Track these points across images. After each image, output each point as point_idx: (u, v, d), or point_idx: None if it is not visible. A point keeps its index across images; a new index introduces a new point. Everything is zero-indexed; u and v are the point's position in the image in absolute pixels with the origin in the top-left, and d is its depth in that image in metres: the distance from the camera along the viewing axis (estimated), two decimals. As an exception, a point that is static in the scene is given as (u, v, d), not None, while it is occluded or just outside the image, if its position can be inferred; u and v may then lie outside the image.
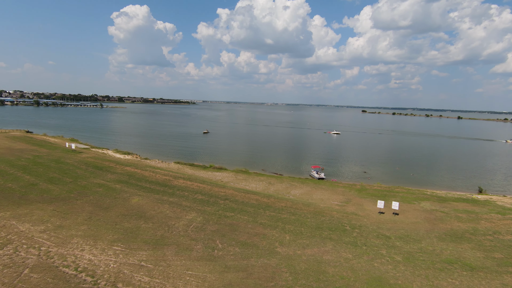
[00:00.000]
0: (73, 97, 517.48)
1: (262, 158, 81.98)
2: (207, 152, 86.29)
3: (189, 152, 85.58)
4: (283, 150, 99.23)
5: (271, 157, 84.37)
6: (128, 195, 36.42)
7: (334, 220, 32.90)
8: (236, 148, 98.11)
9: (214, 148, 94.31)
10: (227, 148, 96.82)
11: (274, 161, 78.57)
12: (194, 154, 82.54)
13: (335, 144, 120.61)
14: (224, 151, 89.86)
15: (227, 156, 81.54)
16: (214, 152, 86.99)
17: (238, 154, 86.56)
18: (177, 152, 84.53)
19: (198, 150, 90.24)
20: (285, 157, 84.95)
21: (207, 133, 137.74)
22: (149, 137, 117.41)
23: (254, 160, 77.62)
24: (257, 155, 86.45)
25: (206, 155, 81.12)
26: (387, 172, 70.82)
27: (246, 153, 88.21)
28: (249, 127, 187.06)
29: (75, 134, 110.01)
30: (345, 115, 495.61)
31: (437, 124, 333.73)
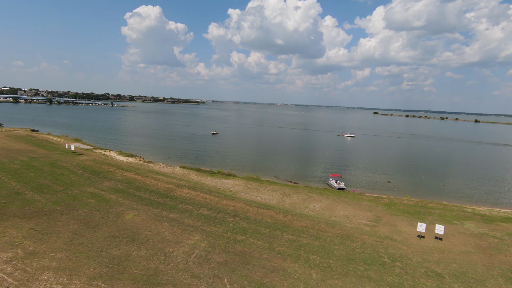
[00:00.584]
0: (86, 96, 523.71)
1: (274, 162, 76.25)
2: (215, 155, 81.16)
3: (196, 155, 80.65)
4: (295, 154, 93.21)
5: (283, 161, 78.55)
6: (122, 209, 31.37)
7: (368, 248, 26.92)
8: (246, 150, 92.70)
9: (222, 151, 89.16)
10: (237, 150, 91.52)
11: (286, 166, 72.72)
12: (201, 157, 77.52)
13: (351, 148, 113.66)
14: (233, 154, 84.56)
15: (237, 160, 76.21)
16: (223, 155, 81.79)
17: (248, 157, 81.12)
18: (183, 154, 79.74)
19: (205, 152, 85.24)
20: (298, 162, 78.94)
21: (215, 134, 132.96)
22: (156, 137, 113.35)
23: (265, 165, 71.99)
24: (268, 159, 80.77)
25: (214, 159, 75.98)
26: (413, 182, 63.88)
27: (257, 157, 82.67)
28: (259, 128, 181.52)
29: (81, 134, 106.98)
30: (356, 117, 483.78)
31: (454, 127, 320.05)
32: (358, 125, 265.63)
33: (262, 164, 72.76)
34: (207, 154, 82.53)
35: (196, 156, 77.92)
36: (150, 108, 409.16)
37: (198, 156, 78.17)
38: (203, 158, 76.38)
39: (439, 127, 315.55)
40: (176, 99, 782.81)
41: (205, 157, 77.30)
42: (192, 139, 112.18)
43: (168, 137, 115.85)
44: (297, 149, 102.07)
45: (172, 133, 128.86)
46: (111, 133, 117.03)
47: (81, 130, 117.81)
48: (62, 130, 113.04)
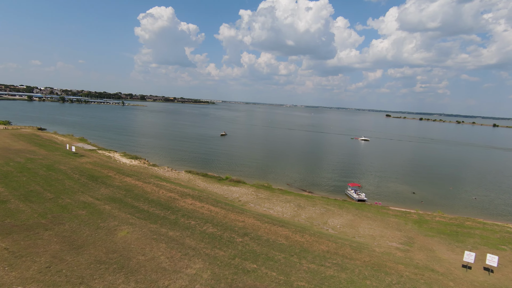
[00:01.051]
0: (98, 95, 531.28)
1: (285, 168, 71.44)
2: (223, 159, 76.99)
3: (203, 157, 76.68)
4: (308, 158, 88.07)
5: (295, 167, 73.65)
6: (115, 224, 27.35)
7: (406, 284, 21.92)
8: (256, 154, 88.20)
9: (231, 154, 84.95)
10: (246, 153, 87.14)
11: (299, 172, 67.81)
12: (208, 160, 73.46)
13: (366, 152, 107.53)
14: (243, 158, 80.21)
15: (246, 164, 71.82)
16: (231, 159, 77.54)
17: (258, 161, 76.59)
18: (190, 157, 75.90)
19: (213, 155, 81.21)
20: (311, 168, 73.87)
21: (224, 135, 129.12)
22: (163, 138, 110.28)
23: (277, 171, 67.28)
24: (279, 163, 76.01)
25: (222, 163, 71.80)
26: (440, 193, 57.91)
27: (267, 161, 78.03)
28: (269, 130, 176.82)
29: (88, 133, 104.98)
30: (368, 119, 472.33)
31: (472, 132, 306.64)
32: (371, 128, 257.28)
33: (273, 170, 68.10)
34: (215, 157, 78.46)
35: (203, 159, 73.95)
36: (160, 107, 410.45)
37: (205, 159, 74.17)
38: (210, 161, 72.31)
39: (456, 131, 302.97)
40: (187, 99, 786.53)
41: (212, 161, 73.21)
42: (200, 140, 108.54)
43: (175, 137, 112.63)
44: (310, 153, 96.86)
45: (180, 134, 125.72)
46: (118, 133, 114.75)
47: (89, 130, 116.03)
48: (69, 129, 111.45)
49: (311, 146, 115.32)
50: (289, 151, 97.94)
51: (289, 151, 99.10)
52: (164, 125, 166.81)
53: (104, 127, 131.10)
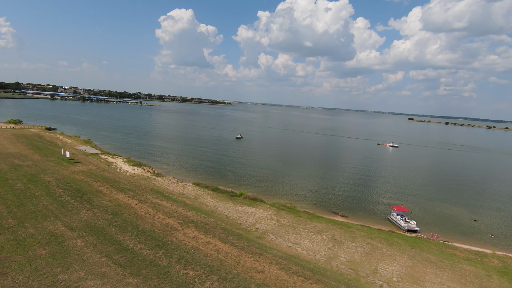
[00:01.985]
0: (118, 94, 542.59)
1: (309, 179, 61.72)
2: (238, 166, 68.34)
3: (216, 165, 68.35)
4: (333, 167, 77.71)
5: (320, 177, 63.71)
6: (80, 276, 19.08)
7: None
8: (274, 161, 78.96)
9: (246, 161, 76.20)
10: (263, 160, 78.11)
11: (325, 185, 57.87)
12: (221, 168, 65.00)
13: (397, 161, 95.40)
14: (259, 166, 71.25)
15: (263, 174, 62.77)
16: (247, 167, 68.76)
17: (276, 170, 67.34)
18: (201, 164, 67.81)
19: (227, 162, 72.76)
20: (338, 180, 63.66)
21: (240, 138, 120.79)
22: (175, 141, 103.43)
23: (299, 182, 57.72)
24: (301, 173, 66.32)
25: (237, 171, 63.14)
26: (509, 221, 46.10)
27: (287, 170, 68.55)
28: (287, 133, 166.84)
29: (97, 134, 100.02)
30: (390, 123, 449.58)
31: (508, 138, 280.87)
32: (395, 132, 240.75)
33: (294, 182, 58.57)
34: (228, 164, 69.91)
35: (215, 167, 65.58)
36: (177, 107, 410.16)
37: (217, 167, 65.77)
38: (223, 170, 63.81)
39: (490, 137, 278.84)
40: (204, 100, 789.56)
41: (225, 169, 64.69)
42: (214, 144, 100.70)
43: (188, 140, 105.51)
44: (334, 161, 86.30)
45: (193, 136, 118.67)
46: (129, 134, 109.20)
47: (100, 130, 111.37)
48: (80, 129, 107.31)
49: (334, 153, 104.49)
50: (310, 158, 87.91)
51: (311, 158, 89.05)
52: (177, 126, 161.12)
53: (116, 127, 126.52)
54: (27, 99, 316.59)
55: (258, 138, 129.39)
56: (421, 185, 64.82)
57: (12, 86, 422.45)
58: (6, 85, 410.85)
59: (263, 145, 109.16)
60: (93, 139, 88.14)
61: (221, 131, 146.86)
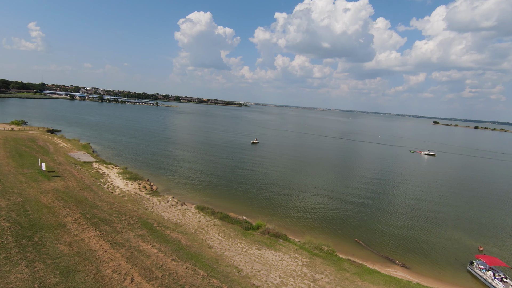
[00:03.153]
0: (137, 95, 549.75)
1: (341, 200, 49.57)
2: (253, 180, 57.23)
3: (227, 179, 57.53)
4: (366, 182, 64.89)
5: (353, 198, 51.33)
6: None
7: None
8: (296, 173, 67.24)
9: (264, 172, 65.02)
10: (283, 172, 66.63)
11: (363, 210, 45.52)
12: (233, 184, 54.03)
13: (444, 175, 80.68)
14: (280, 179, 59.86)
15: (285, 190, 51.31)
16: (265, 181, 57.54)
17: (300, 186, 55.63)
18: (210, 177, 57.21)
19: (241, 174, 61.84)
20: (376, 201, 51.00)
21: (256, 143, 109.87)
22: (184, 145, 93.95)
23: (329, 206, 45.77)
24: (330, 192, 54.21)
25: (252, 188, 52.00)
26: None
27: (313, 187, 56.62)
28: (307, 138, 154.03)
29: (102, 136, 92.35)
30: (414, 126, 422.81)
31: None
32: (422, 137, 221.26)
33: (324, 204, 46.66)
34: (242, 178, 58.86)
35: (226, 182, 54.72)
36: (193, 108, 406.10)
37: (229, 182, 54.89)
38: (235, 186, 52.81)
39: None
40: (220, 101, 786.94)
41: (239, 184, 53.66)
42: (227, 150, 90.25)
43: (198, 145, 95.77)
44: (366, 174, 73.22)
45: (205, 140, 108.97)
46: (134, 136, 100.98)
47: (105, 132, 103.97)
48: (86, 131, 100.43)
49: (364, 163, 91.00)
50: (337, 170, 75.37)
51: (337, 169, 76.47)
52: (190, 129, 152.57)
53: (124, 129, 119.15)
54: (47, 99, 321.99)
55: (276, 143, 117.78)
56: (499, 214, 50.87)
57: (37, 87, 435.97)
58: (31, 86, 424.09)
59: (282, 151, 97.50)
60: (96, 142, 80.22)
61: (236, 134, 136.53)
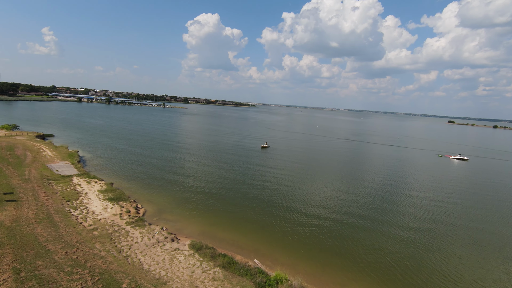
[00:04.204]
0: (145, 97, 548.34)
1: (374, 221, 38.88)
2: (265, 200, 47.05)
3: (234, 195, 47.53)
4: (399, 196, 53.81)
5: (391, 220, 40.54)
6: None
7: None
8: (316, 186, 56.73)
9: (276, 186, 54.79)
10: (300, 185, 56.23)
11: (410, 252, 34.78)
12: (241, 203, 43.94)
13: (482, 184, 68.56)
14: (295, 193, 49.55)
15: (306, 212, 40.96)
16: (277, 197, 47.32)
17: (320, 201, 45.15)
18: (212, 194, 47.27)
19: (250, 191, 51.74)
20: (423, 225, 40.04)
21: (266, 147, 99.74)
22: (186, 152, 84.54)
23: (359, 233, 35.22)
24: (357, 209, 43.53)
25: (264, 209, 41.83)
26: None
27: (334, 200, 46.06)
28: (320, 140, 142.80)
29: (95, 141, 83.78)
30: (430, 126, 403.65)
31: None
32: (443, 138, 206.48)
33: (353, 230, 36.12)
34: (251, 196, 48.66)
35: (233, 201, 44.63)
36: (200, 110, 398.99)
37: (236, 203, 44.80)
38: (244, 209, 42.63)
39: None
40: (228, 102, 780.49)
41: (247, 207, 43.48)
42: (234, 156, 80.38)
43: (202, 152, 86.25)
44: (397, 185, 61.95)
45: (211, 145, 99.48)
46: (132, 140, 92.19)
47: (102, 136, 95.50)
48: (81, 135, 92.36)
49: (390, 170, 79.43)
50: (361, 179, 64.48)
51: (361, 178, 65.56)
52: (195, 131, 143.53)
53: (124, 132, 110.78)
54: (55, 101, 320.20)
55: (288, 148, 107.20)
56: None
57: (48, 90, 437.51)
58: (39, 88, 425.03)
59: (296, 159, 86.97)
60: (87, 149, 71.66)
61: (244, 137, 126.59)
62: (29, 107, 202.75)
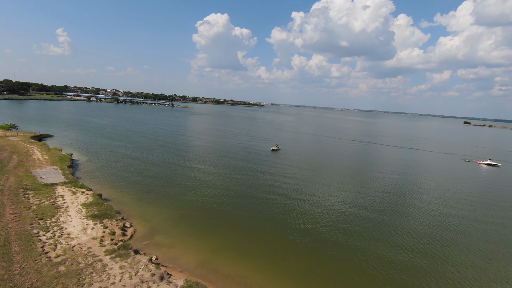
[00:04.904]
0: (155, 96, 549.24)
1: (411, 248, 31.47)
2: (275, 213, 40.14)
3: (240, 213, 40.73)
4: (433, 213, 46.01)
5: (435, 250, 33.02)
6: None
7: None
8: (332, 196, 49.45)
9: (289, 194, 47.78)
10: (314, 195, 49.08)
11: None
12: (248, 224, 37.05)
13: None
14: (310, 207, 42.49)
15: (321, 228, 33.91)
16: (290, 210, 40.34)
17: (342, 221, 37.95)
18: (215, 211, 40.65)
19: (260, 206, 44.88)
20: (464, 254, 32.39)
21: (276, 150, 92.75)
22: (189, 157, 78.29)
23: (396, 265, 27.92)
24: (387, 227, 36.14)
25: (275, 224, 34.89)
26: None
27: (361, 224, 38.74)
28: (334, 142, 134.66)
29: (95, 142, 78.55)
30: (446, 128, 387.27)
31: None
32: (464, 141, 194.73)
33: (396, 269, 28.84)
34: (261, 210, 41.73)
35: (238, 221, 37.74)
36: (209, 109, 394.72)
37: (243, 219, 37.95)
38: (252, 225, 35.79)
39: None
40: (236, 101, 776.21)
41: (256, 223, 36.62)
42: (243, 161, 73.67)
43: (207, 155, 79.92)
44: (428, 197, 54.00)
45: (217, 147, 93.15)
46: (133, 142, 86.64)
47: (102, 137, 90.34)
48: (82, 136, 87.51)
49: (416, 178, 71.21)
50: (388, 191, 56.80)
51: (387, 190, 57.84)
52: (201, 132, 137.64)
53: (126, 133, 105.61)
54: (65, 101, 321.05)
55: (299, 150, 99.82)
56: None
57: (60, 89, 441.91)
58: (50, 88, 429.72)
59: (309, 163, 79.65)
60: (83, 151, 66.35)
61: (253, 139, 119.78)
62: (37, 106, 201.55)
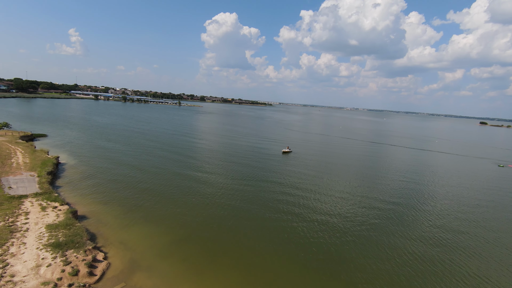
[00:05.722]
0: (162, 95, 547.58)
1: None
2: (289, 244, 32.22)
3: (246, 238, 32.84)
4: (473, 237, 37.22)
5: None
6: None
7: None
8: (358, 214, 41.15)
9: (308, 214, 39.74)
10: (343, 216, 40.91)
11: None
12: (258, 255, 29.19)
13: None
14: (336, 227, 34.41)
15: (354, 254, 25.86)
16: (310, 240, 32.36)
17: (373, 251, 29.81)
18: (217, 237, 32.78)
19: (268, 223, 36.96)
20: None
21: (288, 152, 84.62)
22: (190, 161, 70.92)
23: None
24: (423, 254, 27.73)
25: (291, 262, 26.98)
26: None
27: (392, 246, 30.46)
28: (349, 144, 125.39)
29: (89, 143, 72.11)
30: (462, 128, 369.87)
31: None
32: (489, 143, 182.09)
33: None
34: (270, 238, 33.78)
35: (245, 249, 29.78)
36: (216, 108, 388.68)
37: (250, 252, 30.07)
38: (260, 264, 27.95)
39: None
40: (244, 101, 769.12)
41: (265, 260, 28.75)
42: (251, 167, 65.75)
43: (210, 159, 72.39)
44: (467, 210, 44.98)
45: (222, 149, 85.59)
46: (131, 144, 79.84)
47: (99, 138, 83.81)
48: (76, 136, 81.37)
49: (449, 185, 61.96)
50: (417, 200, 48.05)
51: (420, 205, 49.06)
52: (207, 132, 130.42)
53: (126, 133, 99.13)
54: (73, 99, 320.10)
55: (313, 153, 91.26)
56: None
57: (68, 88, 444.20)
58: (60, 86, 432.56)
59: (325, 168, 71.18)
60: (75, 153, 59.76)
61: (262, 139, 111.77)
62: (43, 105, 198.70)
